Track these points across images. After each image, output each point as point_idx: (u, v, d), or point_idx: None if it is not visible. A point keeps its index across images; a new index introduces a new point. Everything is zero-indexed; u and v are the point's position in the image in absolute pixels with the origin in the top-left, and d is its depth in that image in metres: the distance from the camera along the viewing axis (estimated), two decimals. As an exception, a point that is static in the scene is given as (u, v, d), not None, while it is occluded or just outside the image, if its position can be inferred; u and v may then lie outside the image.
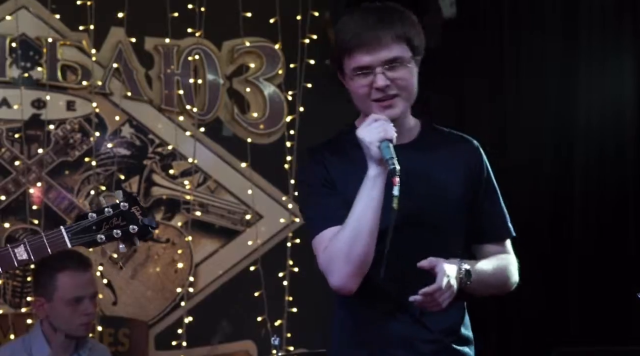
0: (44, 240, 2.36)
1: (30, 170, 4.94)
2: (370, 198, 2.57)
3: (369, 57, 2.60)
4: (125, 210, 2.42)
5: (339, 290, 2.62)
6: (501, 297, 5.29)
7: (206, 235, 5.19)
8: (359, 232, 2.56)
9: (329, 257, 2.60)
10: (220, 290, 5.16)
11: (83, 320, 3.95)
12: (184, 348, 5.02)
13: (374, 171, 2.57)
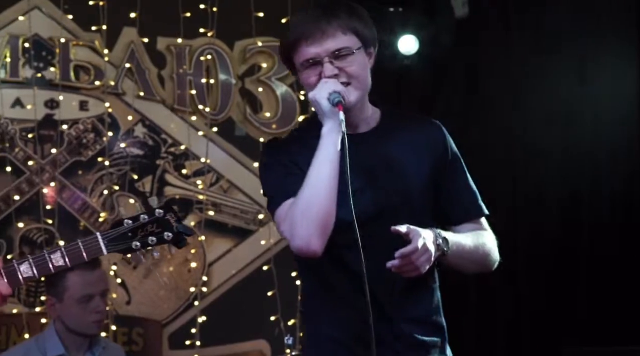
0: (80, 247, 2.36)
1: (43, 170, 4.96)
2: (325, 156, 2.56)
3: (314, 49, 2.63)
4: (160, 217, 2.41)
5: (301, 251, 2.56)
6: (511, 296, 5.33)
7: (219, 234, 5.20)
8: (316, 190, 2.55)
9: (289, 222, 2.56)
10: (234, 290, 5.17)
11: (94, 317, 3.97)
12: (197, 347, 5.03)
13: (327, 126, 2.58)
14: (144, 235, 2.40)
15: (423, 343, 2.68)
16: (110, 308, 4.87)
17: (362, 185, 2.61)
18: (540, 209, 5.39)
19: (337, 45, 2.63)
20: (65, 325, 3.99)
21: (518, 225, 5.42)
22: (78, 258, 2.38)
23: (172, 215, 2.43)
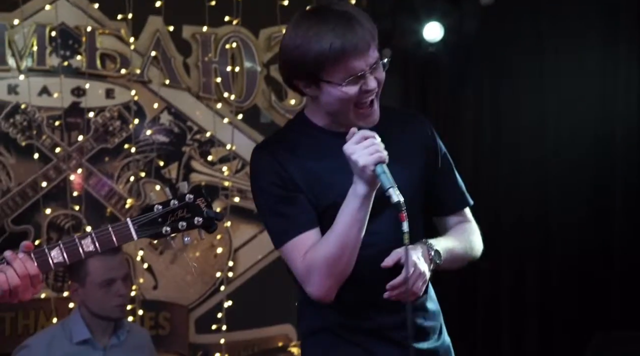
0: (111, 232, 2.36)
1: (70, 157, 5.01)
2: (356, 218, 2.53)
3: (362, 62, 2.53)
4: (190, 202, 2.40)
5: (319, 300, 2.60)
6: (542, 280, 5.31)
7: (245, 220, 5.23)
8: (344, 249, 2.54)
9: (308, 267, 2.56)
10: (259, 275, 5.20)
11: (117, 301, 4.01)
12: (223, 331, 5.06)
13: (363, 190, 2.51)
14: (174, 220, 2.39)
15: (424, 329, 2.71)
16: (137, 292, 4.92)
17: None
18: (572, 192, 5.37)
19: (374, 56, 2.57)
20: (89, 310, 4.04)
21: (549, 209, 5.41)
22: (108, 244, 2.38)
23: (202, 200, 2.42)
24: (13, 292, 2.30)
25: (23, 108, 4.93)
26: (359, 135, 2.51)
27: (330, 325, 2.69)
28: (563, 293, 5.35)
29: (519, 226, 5.41)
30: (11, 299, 2.32)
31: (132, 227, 2.37)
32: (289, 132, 2.76)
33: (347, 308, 2.66)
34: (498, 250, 5.33)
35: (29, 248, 2.35)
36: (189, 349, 5.02)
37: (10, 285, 2.29)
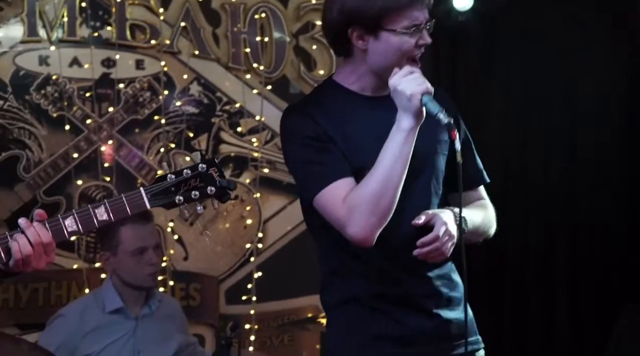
0: (124, 201, 2.37)
1: (101, 129, 5.03)
2: (400, 153, 2.54)
3: (422, 14, 2.62)
4: (203, 172, 2.41)
5: (361, 242, 2.57)
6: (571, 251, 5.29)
7: (274, 191, 5.24)
8: (388, 185, 2.53)
9: (350, 208, 2.55)
10: (289, 246, 5.21)
11: (149, 270, 4.04)
12: (253, 302, 5.09)
13: (408, 123, 2.55)
14: (187, 189, 2.40)
15: (450, 299, 2.71)
16: (168, 264, 4.95)
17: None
18: (601, 162, 5.34)
19: (427, 14, 2.64)
20: (121, 279, 4.08)
21: (578, 176, 5.38)
22: (122, 213, 2.39)
23: (215, 170, 2.44)
24: (26, 260, 2.32)
25: (54, 79, 4.95)
26: (405, 69, 2.58)
27: (356, 295, 2.69)
28: (592, 265, 5.33)
29: (548, 194, 5.38)
30: (25, 267, 2.34)
31: (145, 195, 2.37)
32: (319, 96, 2.78)
33: (376, 275, 2.67)
34: (526, 218, 5.31)
35: (43, 217, 2.36)
36: (219, 320, 5.05)
37: (23, 253, 2.31)
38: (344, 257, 2.69)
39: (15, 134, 4.92)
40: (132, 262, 4.03)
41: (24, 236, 2.31)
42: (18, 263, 2.31)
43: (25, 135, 4.93)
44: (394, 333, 2.65)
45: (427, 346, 2.66)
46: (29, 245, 2.30)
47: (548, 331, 5.27)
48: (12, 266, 2.32)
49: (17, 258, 2.31)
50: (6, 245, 2.31)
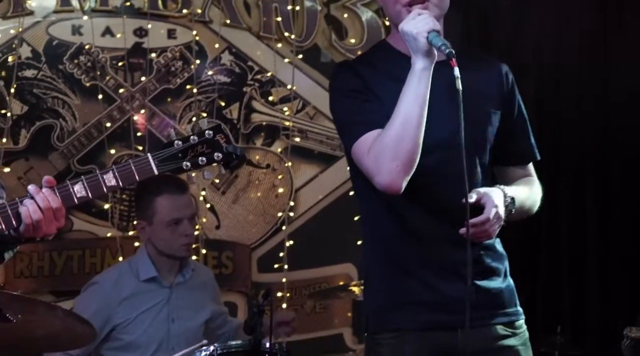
0: (132, 167, 2.39)
1: (133, 98, 5.05)
2: (416, 94, 2.56)
3: None
4: (210, 138, 2.43)
5: (387, 189, 2.57)
6: (602, 236, 5.24)
7: (306, 160, 5.25)
8: (407, 127, 2.54)
9: (375, 156, 2.56)
10: (320, 215, 5.22)
11: (183, 240, 4.07)
12: (285, 270, 5.12)
13: (420, 64, 2.56)
14: (194, 155, 2.42)
15: (491, 269, 2.71)
16: (200, 232, 4.98)
17: (438, 111, 2.62)
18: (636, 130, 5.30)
19: None
20: (156, 248, 4.11)
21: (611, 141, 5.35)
22: (130, 178, 2.41)
23: (222, 136, 2.45)
24: (36, 225, 2.34)
25: (87, 49, 4.97)
26: (413, 12, 2.60)
27: (395, 260, 2.70)
28: (624, 233, 5.30)
29: (580, 160, 5.34)
30: (35, 233, 2.36)
31: (152, 161, 2.40)
32: (371, 56, 2.82)
33: (416, 241, 2.67)
34: (558, 186, 5.28)
35: (52, 183, 2.38)
36: (252, 287, 5.09)
37: (33, 218, 2.33)
38: (385, 221, 2.70)
39: (49, 104, 4.96)
40: (167, 232, 4.06)
41: (34, 201, 2.33)
42: (28, 228, 2.34)
43: (59, 105, 4.97)
44: (431, 299, 2.66)
45: (463, 314, 2.63)
46: (39, 210, 2.33)
47: (580, 300, 5.26)
48: (22, 231, 2.35)
49: (27, 223, 2.33)
50: (16, 210, 2.34)
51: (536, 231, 5.30)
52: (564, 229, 5.35)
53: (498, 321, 2.69)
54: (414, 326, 2.66)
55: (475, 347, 2.62)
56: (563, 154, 5.35)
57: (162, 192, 4.04)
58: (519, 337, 2.73)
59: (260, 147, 5.21)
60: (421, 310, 2.66)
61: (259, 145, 5.21)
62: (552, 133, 5.33)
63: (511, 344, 2.71)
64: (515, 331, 2.73)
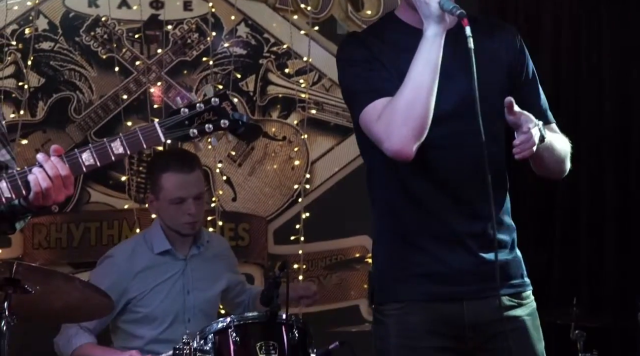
0: (139, 135, 2.40)
1: (150, 70, 5.06)
2: (428, 59, 2.56)
3: None
4: (216, 106, 2.43)
5: (397, 154, 2.57)
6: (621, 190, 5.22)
7: (322, 132, 5.25)
8: (418, 92, 2.54)
9: (385, 122, 2.56)
10: (336, 187, 5.22)
11: (187, 219, 4.06)
12: (301, 242, 5.13)
13: (432, 30, 2.57)
14: (201, 123, 2.42)
15: (498, 242, 2.68)
16: (217, 204, 5.00)
17: (450, 79, 2.62)
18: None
19: None
20: (164, 222, 4.13)
21: (631, 110, 5.32)
22: (137, 146, 2.41)
23: (228, 104, 2.45)
24: (45, 193, 2.35)
25: (103, 21, 4.98)
26: None
27: (403, 231, 2.71)
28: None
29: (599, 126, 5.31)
30: (45, 201, 2.38)
31: (159, 129, 2.40)
32: (378, 27, 2.82)
33: (425, 212, 2.67)
34: (575, 155, 5.24)
35: (60, 152, 2.39)
36: (268, 259, 5.10)
37: (41, 186, 2.34)
38: (394, 193, 2.70)
39: (66, 76, 4.97)
40: (172, 210, 4.07)
41: (43, 170, 2.35)
42: (38, 196, 2.36)
43: (75, 77, 4.98)
44: (439, 271, 2.66)
45: (472, 286, 2.66)
46: (47, 178, 2.35)
47: (596, 271, 5.25)
48: (32, 199, 2.37)
49: (36, 191, 2.35)
50: (25, 179, 2.36)
51: (552, 200, 5.28)
52: (581, 198, 5.32)
53: (504, 292, 2.68)
54: (419, 298, 2.67)
55: (482, 318, 2.65)
56: (582, 119, 5.31)
57: (169, 169, 4.04)
58: (525, 307, 2.74)
59: (276, 119, 5.22)
60: (427, 282, 2.66)
61: (275, 117, 5.22)
62: (570, 99, 5.30)
63: (517, 314, 2.71)
64: (521, 302, 2.73)
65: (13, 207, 2.43)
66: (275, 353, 3.56)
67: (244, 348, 3.56)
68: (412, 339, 2.66)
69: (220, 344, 3.56)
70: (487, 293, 2.65)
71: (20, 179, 2.35)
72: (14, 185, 2.34)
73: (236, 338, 3.55)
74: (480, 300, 2.65)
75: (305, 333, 3.67)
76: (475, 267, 2.66)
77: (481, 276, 2.65)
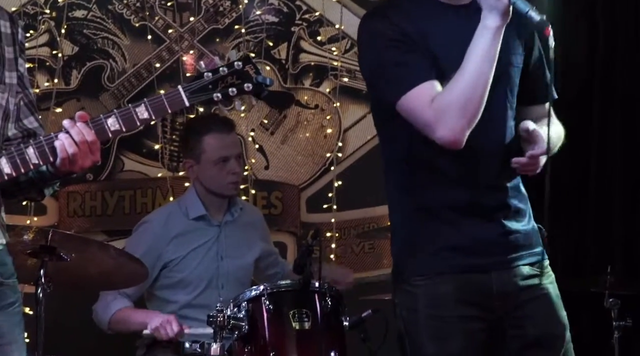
0: (163, 99, 2.40)
1: (182, 38, 5.06)
2: (488, 54, 2.54)
3: None
4: (239, 69, 2.42)
5: (449, 144, 2.58)
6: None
7: (354, 100, 5.23)
8: (477, 85, 2.54)
9: (438, 112, 2.55)
10: (369, 155, 5.20)
11: (231, 178, 4.12)
12: (334, 211, 5.14)
13: (495, 22, 2.54)
14: (225, 86, 2.42)
15: (518, 211, 2.72)
16: (249, 173, 5.01)
17: None
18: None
19: None
20: (204, 187, 4.16)
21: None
22: (162, 111, 2.42)
23: (251, 67, 2.44)
24: (72, 159, 2.37)
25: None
26: None
27: (425, 206, 2.71)
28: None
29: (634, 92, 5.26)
30: (72, 166, 2.38)
31: (183, 93, 2.40)
32: (402, 1, 2.76)
33: (447, 186, 2.68)
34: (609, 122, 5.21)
35: (85, 118, 2.40)
36: (301, 228, 5.12)
37: (68, 152, 2.36)
38: (416, 168, 2.70)
39: (99, 44, 4.99)
40: (215, 171, 4.11)
41: (69, 135, 2.36)
42: (64, 162, 2.37)
43: (109, 45, 4.99)
44: (463, 243, 2.67)
45: (495, 256, 2.68)
46: (74, 144, 2.36)
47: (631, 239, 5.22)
48: (59, 165, 2.38)
49: (62, 157, 2.36)
50: (52, 145, 2.37)
51: (586, 168, 5.24)
52: (615, 165, 5.28)
53: (527, 261, 2.71)
54: (448, 270, 2.68)
55: (507, 288, 2.67)
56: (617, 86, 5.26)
57: (210, 130, 4.09)
58: (546, 276, 2.76)
59: (308, 87, 5.21)
60: (455, 254, 2.67)
61: (307, 85, 5.21)
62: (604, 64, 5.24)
63: (539, 283, 2.73)
64: (542, 271, 2.75)
65: (42, 173, 2.45)
66: (308, 320, 3.58)
67: (277, 315, 3.58)
68: (442, 309, 2.67)
69: (254, 312, 3.59)
70: (512, 262, 2.69)
71: (47, 145, 2.36)
72: (41, 151, 2.36)
73: (269, 306, 3.57)
74: (507, 269, 2.68)
75: (338, 301, 3.68)
76: (500, 237, 2.69)
77: (506, 247, 2.68)
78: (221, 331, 3.50)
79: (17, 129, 2.53)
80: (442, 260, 2.68)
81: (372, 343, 3.84)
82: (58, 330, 3.79)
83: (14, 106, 2.49)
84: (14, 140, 2.51)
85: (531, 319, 2.67)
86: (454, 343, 2.66)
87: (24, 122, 2.55)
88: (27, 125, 2.55)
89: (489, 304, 2.68)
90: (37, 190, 2.54)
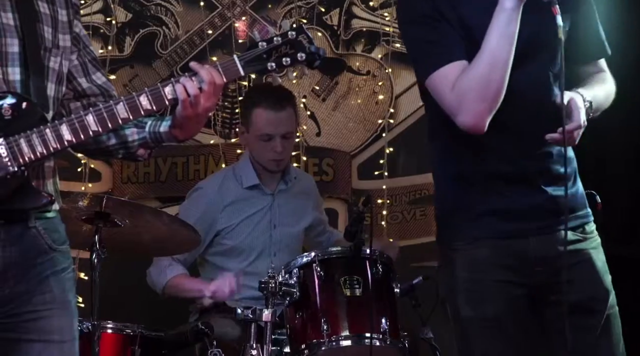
0: (219, 68, 2.43)
1: (235, 4, 5.06)
2: (506, 33, 2.54)
3: None
4: (293, 39, 2.45)
5: (471, 129, 2.59)
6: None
7: (406, 67, 5.20)
8: (496, 67, 2.54)
9: (460, 95, 2.56)
10: (420, 121, 5.17)
11: (272, 156, 4.11)
12: (385, 177, 5.13)
13: (511, 3, 2.53)
14: (278, 56, 2.45)
15: (560, 176, 2.69)
16: (301, 140, 5.02)
17: None
18: None
19: None
20: (252, 155, 4.18)
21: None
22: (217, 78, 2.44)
23: (305, 37, 2.47)
24: (194, 101, 2.39)
25: (188, -45, 5.00)
26: None
27: (466, 172, 2.72)
28: None
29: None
30: (194, 109, 2.40)
31: (238, 62, 2.43)
32: None
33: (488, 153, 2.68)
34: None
35: None
36: (352, 194, 5.12)
37: (190, 93, 2.38)
38: (457, 135, 2.69)
39: (152, 11, 5.01)
40: (259, 145, 4.12)
41: (189, 79, 2.39)
42: (185, 105, 2.39)
43: (161, 12, 5.02)
44: (505, 208, 2.68)
45: (535, 222, 2.68)
46: (196, 86, 2.39)
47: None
48: (180, 110, 2.41)
49: (183, 99, 2.39)
50: (167, 89, 2.40)
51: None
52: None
53: (569, 225, 2.65)
54: (487, 235, 2.69)
55: (548, 253, 2.66)
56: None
57: (261, 104, 4.08)
58: (590, 241, 2.74)
59: (360, 53, 5.19)
60: (494, 220, 2.69)
61: (359, 51, 5.19)
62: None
63: (582, 247, 2.72)
64: (585, 236, 2.74)
65: (156, 135, 2.49)
66: (359, 287, 3.59)
67: (328, 282, 3.59)
68: (479, 272, 2.69)
69: (305, 278, 3.60)
70: (553, 227, 2.67)
71: (163, 89, 2.40)
72: (156, 97, 2.39)
73: (320, 273, 3.58)
74: (547, 235, 2.67)
75: (389, 267, 3.69)
76: (541, 202, 2.68)
77: (547, 212, 2.68)
78: (273, 297, 3.53)
79: (90, 83, 2.57)
80: (481, 225, 2.70)
81: (423, 310, 3.85)
82: (113, 295, 3.86)
83: (67, 69, 2.51)
84: (91, 96, 2.55)
85: (572, 284, 2.64)
86: (489, 306, 2.68)
87: (92, 77, 2.58)
88: (96, 81, 2.59)
89: (528, 269, 2.68)
90: (148, 152, 2.56)
